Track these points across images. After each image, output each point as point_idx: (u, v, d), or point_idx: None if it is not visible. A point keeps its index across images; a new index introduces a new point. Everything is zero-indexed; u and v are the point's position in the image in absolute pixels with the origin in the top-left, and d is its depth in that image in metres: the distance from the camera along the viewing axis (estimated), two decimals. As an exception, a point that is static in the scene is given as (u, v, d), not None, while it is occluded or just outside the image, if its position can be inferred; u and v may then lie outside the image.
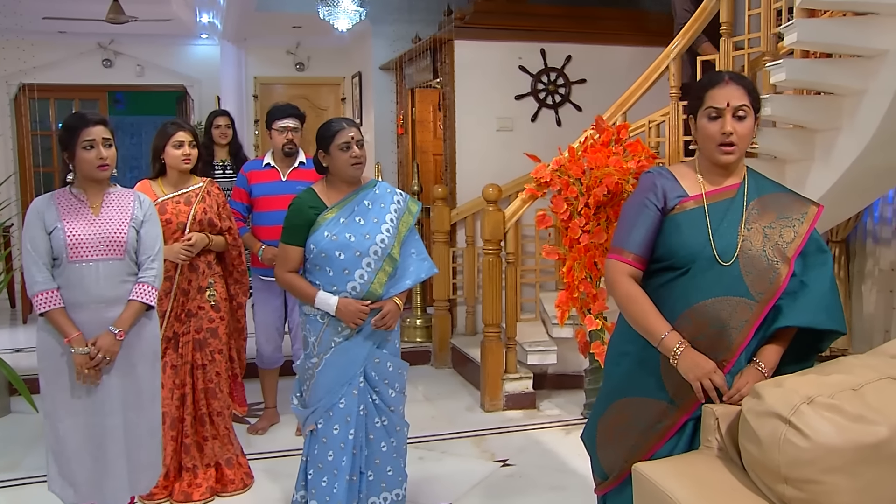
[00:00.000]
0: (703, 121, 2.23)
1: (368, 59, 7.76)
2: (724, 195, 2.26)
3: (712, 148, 2.22)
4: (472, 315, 6.24)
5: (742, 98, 2.20)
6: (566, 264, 4.68)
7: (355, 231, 3.04)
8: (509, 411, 5.00)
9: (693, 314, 2.19)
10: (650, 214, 2.25)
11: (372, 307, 3.07)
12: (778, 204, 2.26)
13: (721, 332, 2.17)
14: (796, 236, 2.21)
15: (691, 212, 2.23)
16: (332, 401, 3.06)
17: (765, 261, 2.18)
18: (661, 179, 2.29)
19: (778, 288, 2.17)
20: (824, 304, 2.19)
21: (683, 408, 2.23)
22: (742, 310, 2.16)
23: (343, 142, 3.05)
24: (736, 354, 2.18)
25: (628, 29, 6.49)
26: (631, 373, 2.32)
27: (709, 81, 2.26)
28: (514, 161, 6.13)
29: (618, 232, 2.32)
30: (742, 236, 2.20)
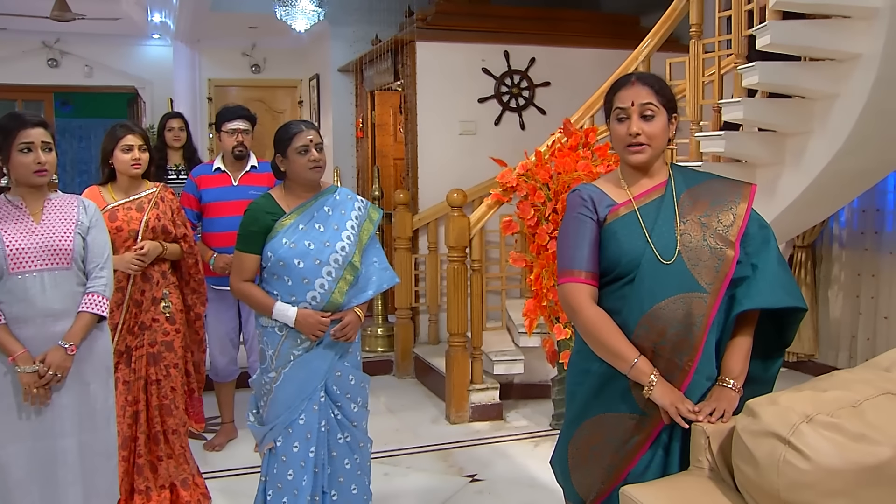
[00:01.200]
0: (613, 123, 2.19)
1: (327, 60, 7.57)
2: (653, 195, 2.21)
3: (622, 150, 2.18)
4: (435, 323, 6.10)
5: (648, 97, 2.14)
6: (534, 272, 4.56)
7: (315, 238, 2.92)
8: (476, 423, 4.86)
9: (650, 320, 2.11)
10: (589, 226, 2.19)
11: (332, 318, 2.95)
12: (709, 191, 2.21)
13: (682, 331, 2.09)
14: (736, 218, 2.15)
15: (624, 218, 2.18)
16: (292, 417, 2.92)
17: (708, 250, 2.12)
18: (588, 192, 2.23)
19: (726, 274, 2.10)
20: (778, 281, 2.14)
21: (656, 418, 2.14)
22: (697, 304, 2.09)
23: (301, 145, 2.92)
24: (699, 351, 2.09)
25: (593, 31, 6.43)
26: (597, 390, 2.22)
27: (617, 84, 2.22)
28: (478, 165, 6.04)
29: (562, 254, 2.22)
30: (679, 231, 2.14)
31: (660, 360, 2.11)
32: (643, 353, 2.11)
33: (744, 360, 2.17)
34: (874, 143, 3.74)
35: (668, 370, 2.11)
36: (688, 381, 2.11)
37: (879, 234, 5.07)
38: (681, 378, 2.11)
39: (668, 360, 2.11)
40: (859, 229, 5.18)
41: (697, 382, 2.12)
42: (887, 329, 4.98)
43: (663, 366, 2.11)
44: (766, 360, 2.25)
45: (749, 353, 2.18)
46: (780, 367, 2.34)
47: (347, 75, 7.46)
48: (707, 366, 2.13)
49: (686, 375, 2.11)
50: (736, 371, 2.15)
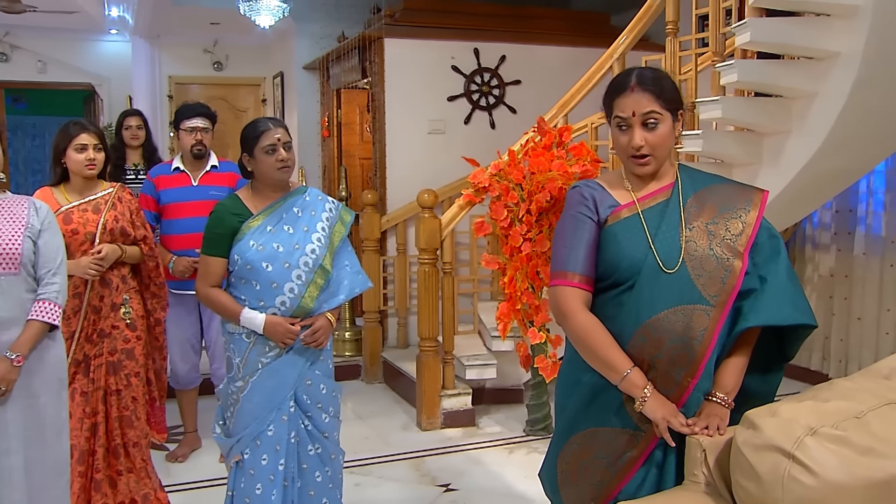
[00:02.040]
0: (614, 131, 2.07)
1: (291, 58, 7.38)
2: (658, 198, 2.09)
3: (626, 160, 2.07)
4: (404, 327, 5.97)
5: (650, 104, 2.01)
6: (507, 274, 4.45)
7: (284, 241, 2.80)
8: (448, 430, 4.74)
9: (647, 331, 1.99)
10: (587, 227, 2.07)
11: (302, 324, 2.83)
12: (717, 196, 2.09)
13: (680, 345, 1.97)
14: (745, 227, 2.03)
15: (626, 220, 2.05)
16: (260, 428, 2.79)
17: (714, 260, 2.00)
18: (590, 190, 2.11)
19: (733, 287, 1.98)
20: (787, 296, 2.03)
21: (650, 434, 2.03)
22: (699, 317, 1.97)
23: (268, 144, 2.80)
24: (700, 368, 1.98)
25: (563, 28, 6.35)
26: (588, 403, 2.11)
27: (614, 89, 2.08)
28: (447, 165, 5.94)
29: (556, 254, 2.11)
30: (684, 238, 2.02)
31: (656, 374, 2.00)
32: (638, 365, 2.00)
33: (738, 375, 2.07)
34: (853, 143, 3.70)
35: (664, 385, 2.00)
36: (685, 397, 2.01)
37: (852, 234, 5.05)
38: (678, 394, 2.00)
39: (664, 374, 1.99)
40: (832, 230, 5.15)
41: (695, 399, 2.02)
42: (860, 330, 4.96)
43: (660, 380, 2.00)
44: (765, 373, 2.15)
45: (744, 370, 2.08)
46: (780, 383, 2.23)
47: (312, 73, 7.29)
48: (706, 382, 2.03)
49: (684, 391, 2.00)
50: (729, 386, 2.05)
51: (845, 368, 5.00)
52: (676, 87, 2.10)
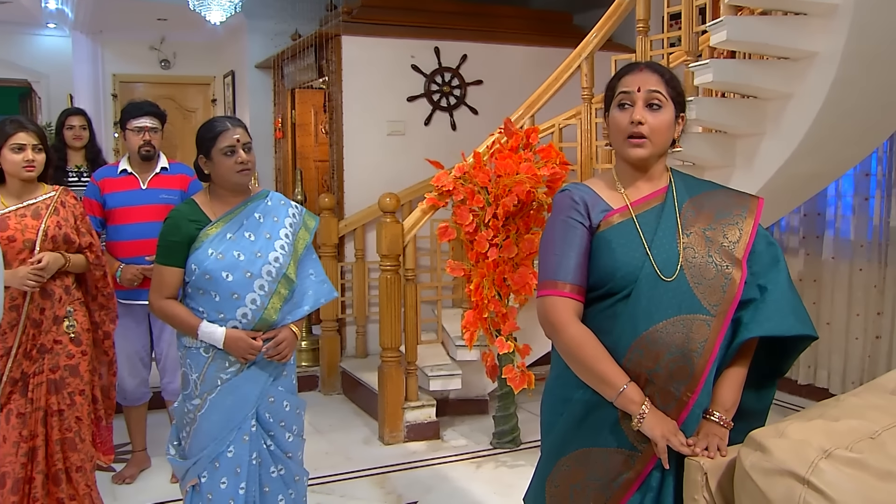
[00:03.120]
0: (614, 111, 1.94)
1: (243, 56, 7.12)
2: (652, 202, 1.97)
3: (621, 142, 1.93)
4: (363, 336, 5.76)
5: (657, 84, 1.91)
6: (473, 281, 4.29)
7: (245, 248, 2.63)
8: (411, 443, 4.55)
9: (644, 343, 1.86)
10: (578, 233, 1.94)
11: (265, 337, 2.67)
12: (714, 202, 1.98)
13: (680, 358, 1.85)
14: (742, 234, 1.93)
15: (620, 226, 1.93)
16: (219, 449, 2.62)
17: (714, 268, 1.89)
18: (580, 194, 1.98)
19: (734, 296, 1.88)
20: (789, 306, 1.93)
21: (648, 453, 1.89)
22: (699, 328, 1.85)
23: (227, 145, 2.64)
24: (700, 382, 1.86)
25: (525, 28, 6.22)
26: (579, 421, 1.96)
27: (624, 70, 1.98)
28: (407, 168, 5.77)
29: (545, 262, 1.97)
30: (682, 244, 1.90)
31: (654, 390, 1.87)
32: (635, 380, 1.87)
33: (738, 391, 1.95)
34: (830, 145, 3.63)
35: (663, 401, 1.87)
36: (685, 413, 1.87)
37: (821, 238, 5.00)
38: (677, 410, 1.87)
39: (663, 389, 1.86)
40: (801, 234, 5.10)
41: (695, 416, 1.89)
42: (829, 336, 4.91)
43: (658, 396, 1.87)
44: (759, 389, 2.03)
45: (743, 384, 1.96)
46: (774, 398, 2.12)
47: (265, 72, 7.03)
48: (706, 398, 1.90)
49: (684, 408, 1.87)
50: (728, 403, 1.93)
51: (814, 374, 4.94)
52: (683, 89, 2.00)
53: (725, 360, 1.93)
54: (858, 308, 4.75)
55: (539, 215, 4.31)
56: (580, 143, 4.54)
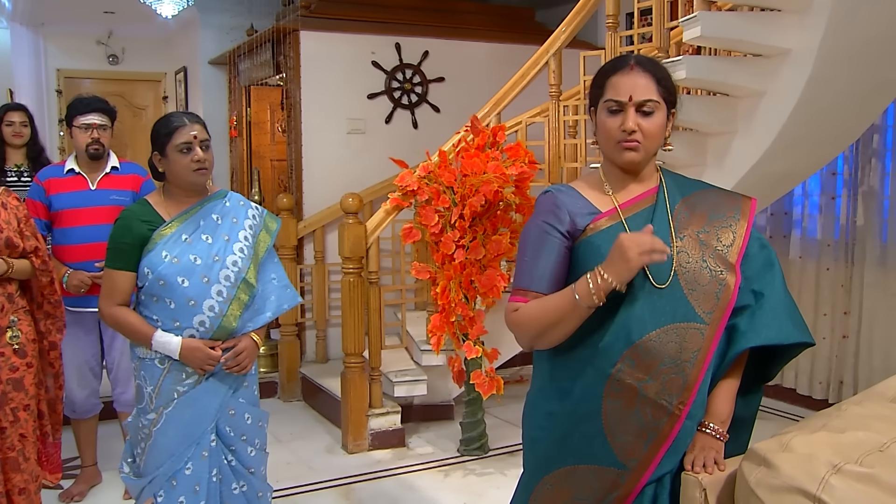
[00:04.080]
0: (603, 115, 1.82)
1: (195, 52, 6.87)
2: (642, 204, 1.86)
3: (612, 147, 1.82)
4: (324, 340, 5.60)
5: (648, 90, 1.78)
6: (439, 284, 4.15)
7: (202, 252, 2.49)
8: (376, 452, 4.40)
9: (637, 353, 1.76)
10: (554, 242, 1.83)
11: (224, 346, 2.53)
12: (706, 203, 1.89)
13: (672, 368, 1.76)
14: (736, 237, 1.85)
15: (608, 230, 1.82)
16: (176, 466, 2.49)
17: (708, 273, 1.80)
18: (564, 197, 1.87)
19: (728, 302, 1.80)
20: (786, 312, 1.85)
21: (638, 471, 1.79)
22: (692, 337, 1.76)
23: (183, 142, 2.49)
24: (693, 394, 1.77)
25: (488, 24, 6.11)
26: (564, 436, 1.86)
27: (611, 67, 1.85)
28: (368, 167, 5.63)
29: (518, 267, 1.88)
30: (676, 248, 1.80)
31: (646, 402, 1.76)
32: (625, 391, 1.76)
33: (732, 401, 1.87)
34: (803, 144, 3.58)
35: (654, 415, 1.76)
36: (678, 427, 1.78)
37: (788, 238, 4.98)
38: (670, 424, 1.77)
39: (654, 402, 1.76)
40: (768, 233, 5.07)
41: (689, 429, 1.80)
42: (796, 335, 4.88)
43: (649, 410, 1.76)
44: (745, 395, 1.94)
45: (736, 394, 1.88)
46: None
47: (219, 68, 6.80)
48: (699, 410, 1.81)
49: (677, 421, 1.77)
50: (724, 415, 1.84)
51: (781, 375, 4.91)
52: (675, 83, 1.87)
53: (720, 370, 1.84)
54: (825, 308, 4.73)
55: (506, 216, 4.20)
56: (548, 142, 4.45)
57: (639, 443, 1.77)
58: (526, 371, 5.83)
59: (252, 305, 2.59)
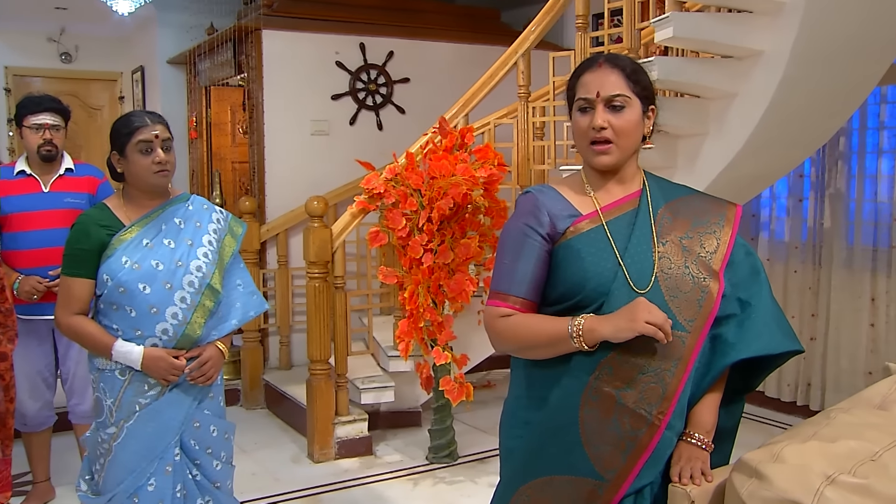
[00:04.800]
0: (575, 115, 1.79)
1: (153, 51, 6.68)
2: (625, 207, 1.82)
3: (585, 148, 1.79)
4: (287, 346, 5.48)
5: (617, 84, 1.74)
6: (407, 289, 4.06)
7: (164, 257, 2.39)
8: (343, 460, 4.30)
9: (615, 361, 1.71)
10: (534, 245, 1.78)
11: (188, 356, 2.43)
12: (690, 208, 1.85)
13: (652, 377, 1.71)
14: (720, 244, 1.81)
15: (589, 233, 1.78)
16: (138, 483, 2.38)
17: (690, 280, 1.75)
18: (544, 198, 1.82)
19: (710, 311, 1.75)
20: (775, 321, 1.82)
21: (616, 483, 1.74)
22: (673, 345, 1.71)
23: (142, 140, 2.38)
24: (673, 404, 1.72)
25: (453, 24, 6.04)
26: (540, 447, 1.80)
27: (579, 66, 1.82)
28: (332, 169, 5.53)
29: (496, 270, 1.84)
30: (658, 253, 1.76)
31: (624, 412, 1.72)
32: (603, 400, 1.72)
33: (716, 411, 1.83)
34: (774, 146, 3.57)
35: (633, 424, 1.72)
36: (657, 438, 1.73)
37: (756, 240, 4.98)
38: (649, 434, 1.72)
39: (633, 411, 1.71)
40: (736, 234, 5.08)
41: (668, 440, 1.75)
42: (763, 338, 4.88)
43: (627, 419, 1.72)
44: (728, 405, 1.90)
45: (718, 407, 1.84)
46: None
47: (178, 68, 6.62)
48: (679, 421, 1.76)
49: (656, 431, 1.73)
50: (708, 424, 1.81)
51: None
52: (651, 79, 1.83)
53: (706, 381, 1.79)
54: (793, 310, 4.74)
55: (475, 219, 4.13)
56: (517, 143, 4.39)
57: (617, 453, 1.73)
58: (494, 376, 5.77)
59: (217, 313, 2.50)
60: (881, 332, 4.41)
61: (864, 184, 4.46)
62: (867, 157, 4.44)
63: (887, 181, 4.37)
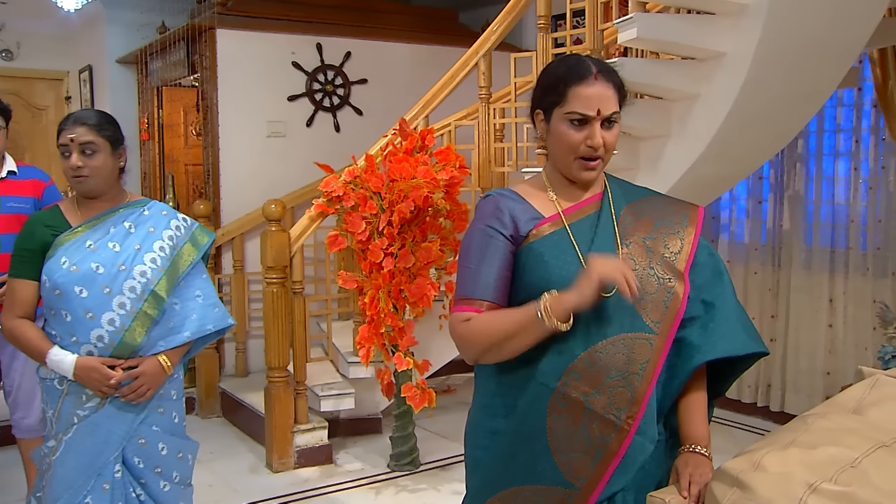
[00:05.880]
0: (563, 126, 1.72)
1: (101, 49, 6.47)
2: (587, 210, 1.78)
3: (570, 161, 1.74)
4: (243, 353, 5.35)
5: (613, 102, 1.71)
6: (367, 294, 3.98)
7: (106, 259, 2.27)
8: (302, 469, 4.20)
9: (582, 366, 1.67)
10: (499, 246, 1.73)
11: (125, 366, 2.28)
12: (653, 209, 1.82)
13: (620, 381, 1.67)
14: (684, 244, 1.78)
15: (551, 236, 1.73)
16: (75, 500, 2.26)
17: (656, 281, 1.72)
18: (506, 201, 1.78)
19: (677, 311, 1.71)
20: (739, 323, 1.79)
21: (587, 490, 1.69)
22: (641, 348, 1.68)
23: (61, 144, 2.29)
24: (642, 408, 1.68)
25: (411, 25, 5.97)
26: (509, 456, 1.75)
27: (571, 73, 1.72)
28: (288, 172, 5.42)
29: (461, 275, 1.77)
30: (622, 254, 1.72)
31: (593, 417, 1.67)
32: (571, 406, 1.67)
33: (706, 419, 1.79)
34: (736, 148, 3.56)
35: (602, 430, 1.67)
36: (627, 443, 1.68)
37: (716, 241, 5.00)
38: (619, 439, 1.67)
39: (601, 417, 1.67)
40: (695, 237, 5.09)
41: (639, 445, 1.70)
42: (724, 339, 4.90)
43: (596, 425, 1.67)
44: None
45: (707, 415, 1.80)
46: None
47: (128, 68, 6.42)
48: (650, 425, 1.71)
49: (625, 436, 1.68)
50: (705, 439, 1.76)
51: (710, 378, 4.92)
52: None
53: (672, 384, 1.74)
54: (753, 311, 4.76)
55: (436, 222, 4.07)
56: (478, 145, 4.33)
57: (586, 460, 1.68)
58: (454, 380, 5.70)
59: (165, 322, 2.35)
60: (839, 333, 4.45)
61: (822, 186, 4.50)
62: (824, 159, 4.48)
63: (844, 183, 4.41)
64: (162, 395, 2.39)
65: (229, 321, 2.49)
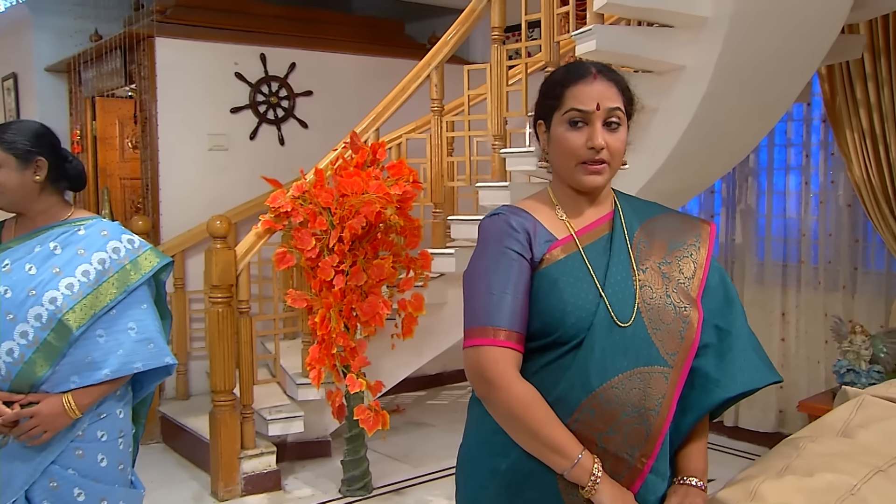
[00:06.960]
0: (561, 129, 1.61)
1: (28, 57, 6.16)
2: (599, 231, 1.66)
3: (572, 167, 1.62)
4: (185, 375, 5.13)
5: (616, 99, 1.60)
6: (318, 313, 3.82)
7: (17, 283, 2.07)
8: (250, 497, 4.01)
9: (597, 402, 1.54)
10: (519, 268, 1.59)
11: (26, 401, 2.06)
12: (665, 229, 1.71)
13: (636, 418, 1.56)
14: (696, 268, 1.67)
15: (566, 261, 1.61)
16: None
17: (672, 310, 1.61)
18: (520, 220, 1.63)
19: (692, 342, 1.61)
20: (756, 353, 1.69)
21: None
22: (657, 382, 1.57)
23: None
24: (657, 445, 1.57)
25: (357, 36, 5.84)
26: (512, 496, 1.61)
27: (567, 74, 1.63)
28: (231, 186, 5.23)
29: (475, 303, 1.60)
30: (639, 281, 1.61)
31: (605, 456, 1.55)
32: (583, 445, 1.55)
33: (705, 450, 1.69)
34: (695, 161, 3.54)
35: (614, 468, 1.56)
36: (640, 482, 1.57)
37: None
38: (630, 478, 1.57)
39: (615, 455, 1.55)
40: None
41: (652, 484, 1.59)
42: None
43: (609, 463, 1.55)
44: None
45: (706, 448, 1.71)
46: None
47: (58, 77, 6.14)
48: (663, 462, 1.60)
49: (639, 475, 1.57)
50: (702, 468, 1.66)
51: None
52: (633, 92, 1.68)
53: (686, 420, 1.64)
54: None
55: (388, 238, 3.94)
56: (430, 159, 4.23)
57: None
58: (402, 399, 5.57)
59: (84, 357, 2.08)
60: (791, 347, 4.46)
61: (773, 200, 4.52)
62: (776, 173, 4.50)
63: (795, 197, 4.44)
64: (82, 437, 2.12)
65: (166, 360, 2.20)
